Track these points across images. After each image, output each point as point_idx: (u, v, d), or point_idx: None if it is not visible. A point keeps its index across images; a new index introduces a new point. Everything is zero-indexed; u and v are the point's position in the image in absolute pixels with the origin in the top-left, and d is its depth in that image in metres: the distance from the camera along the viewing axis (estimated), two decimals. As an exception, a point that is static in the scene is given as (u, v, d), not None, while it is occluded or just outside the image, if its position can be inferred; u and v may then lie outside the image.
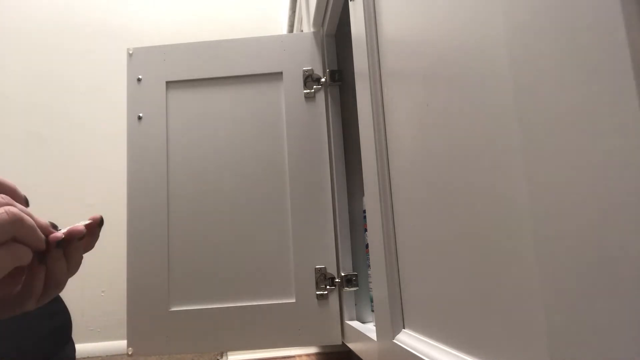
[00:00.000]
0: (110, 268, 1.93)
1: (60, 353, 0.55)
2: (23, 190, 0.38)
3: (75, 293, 1.92)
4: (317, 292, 1.04)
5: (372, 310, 1.03)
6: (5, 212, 0.32)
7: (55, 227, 0.38)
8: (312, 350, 1.40)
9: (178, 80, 1.12)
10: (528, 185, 0.29)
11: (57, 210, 1.95)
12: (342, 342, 1.02)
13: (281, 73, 1.11)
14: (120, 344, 1.88)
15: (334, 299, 1.04)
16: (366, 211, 0.68)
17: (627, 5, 0.20)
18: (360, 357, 0.82)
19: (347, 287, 1.02)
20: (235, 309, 1.04)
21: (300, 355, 1.36)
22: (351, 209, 1.07)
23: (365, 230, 0.93)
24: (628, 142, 0.21)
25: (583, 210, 0.24)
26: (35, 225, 0.35)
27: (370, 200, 0.65)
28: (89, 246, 0.39)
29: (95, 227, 0.39)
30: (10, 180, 0.37)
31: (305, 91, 1.10)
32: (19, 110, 2.03)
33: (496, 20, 0.32)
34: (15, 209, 0.33)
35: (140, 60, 1.13)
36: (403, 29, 0.52)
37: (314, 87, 1.10)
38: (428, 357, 0.46)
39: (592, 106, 0.23)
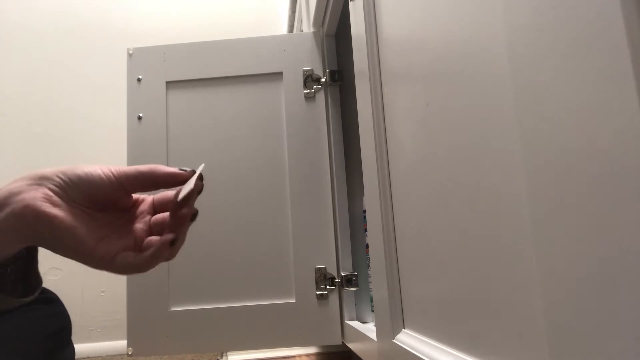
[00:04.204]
0: (110, 268, 1.93)
1: (59, 356, 0.55)
2: None
3: (75, 293, 1.92)
4: (317, 292, 1.04)
5: (372, 310, 1.03)
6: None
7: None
8: (312, 350, 1.40)
9: (178, 80, 1.12)
10: (528, 185, 0.29)
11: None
12: (342, 342, 1.02)
13: (281, 73, 1.11)
14: (120, 344, 1.88)
15: (334, 299, 1.04)
16: (366, 211, 0.68)
17: (627, 5, 0.20)
18: (360, 357, 0.82)
19: (347, 287, 1.01)
20: (235, 309, 1.04)
21: (300, 355, 1.36)
22: (351, 209, 1.07)
23: (365, 230, 0.93)
24: (628, 141, 0.21)
25: (583, 211, 0.24)
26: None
27: (370, 200, 0.65)
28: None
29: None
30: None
31: (305, 91, 1.10)
32: (19, 110, 2.03)
33: (496, 20, 0.32)
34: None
35: (140, 60, 1.13)
36: (403, 29, 0.52)
37: (314, 87, 1.10)
38: (428, 357, 0.46)
39: (592, 106, 0.23)
